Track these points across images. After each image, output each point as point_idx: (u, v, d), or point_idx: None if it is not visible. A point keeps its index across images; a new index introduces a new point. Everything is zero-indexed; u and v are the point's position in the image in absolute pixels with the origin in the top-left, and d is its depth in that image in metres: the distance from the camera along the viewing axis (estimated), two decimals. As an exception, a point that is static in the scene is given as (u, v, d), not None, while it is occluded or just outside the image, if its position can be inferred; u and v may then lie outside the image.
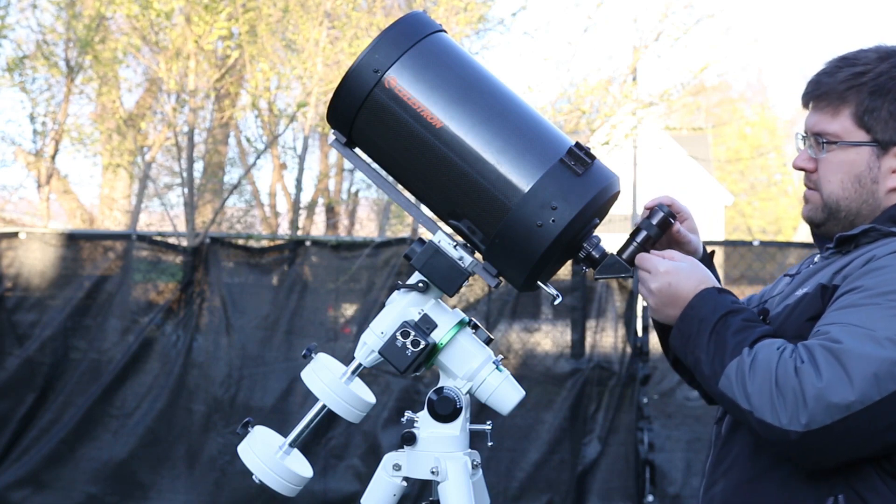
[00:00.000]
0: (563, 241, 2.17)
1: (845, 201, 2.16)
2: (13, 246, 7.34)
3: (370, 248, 7.26)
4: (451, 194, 2.21)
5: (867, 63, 2.14)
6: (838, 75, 2.15)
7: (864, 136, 2.13)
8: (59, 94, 9.87)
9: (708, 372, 2.05)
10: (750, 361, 1.99)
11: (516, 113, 2.22)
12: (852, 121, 2.13)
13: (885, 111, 2.11)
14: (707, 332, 2.06)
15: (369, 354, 2.30)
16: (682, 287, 2.13)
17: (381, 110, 2.21)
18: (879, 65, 2.13)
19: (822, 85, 2.16)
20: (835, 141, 2.15)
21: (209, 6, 8.28)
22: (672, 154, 21.17)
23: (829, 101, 2.15)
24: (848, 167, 2.15)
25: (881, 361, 1.92)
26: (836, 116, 2.14)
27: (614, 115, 9.84)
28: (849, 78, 2.13)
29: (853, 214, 2.16)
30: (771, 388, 1.96)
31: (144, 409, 7.17)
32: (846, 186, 2.15)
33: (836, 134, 2.15)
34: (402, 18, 2.26)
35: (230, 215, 12.21)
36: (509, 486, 6.99)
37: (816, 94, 2.17)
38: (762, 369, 1.98)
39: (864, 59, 2.15)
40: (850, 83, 2.13)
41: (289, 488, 2.28)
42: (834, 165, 2.16)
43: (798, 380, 1.94)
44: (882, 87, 2.11)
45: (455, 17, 8.91)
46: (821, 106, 2.17)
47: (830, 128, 2.15)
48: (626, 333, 7.09)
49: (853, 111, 2.13)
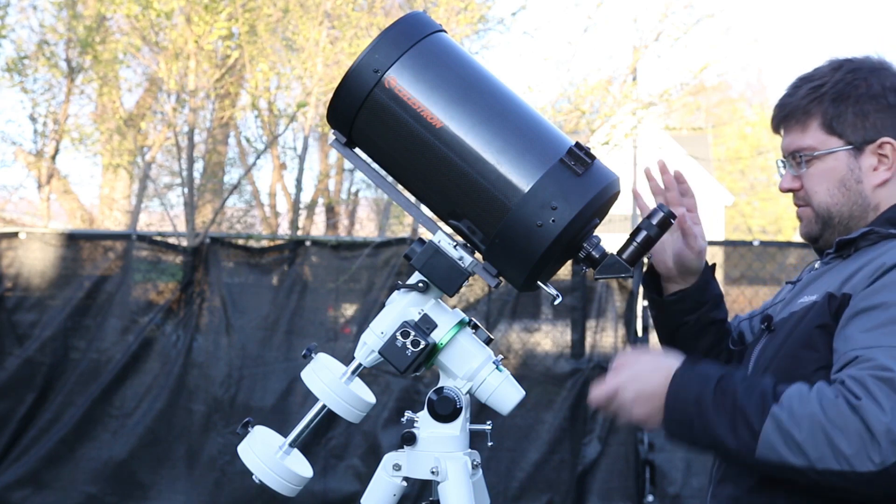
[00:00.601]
0: (563, 241, 2.16)
1: (836, 207, 2.21)
2: (13, 246, 7.34)
3: (370, 248, 7.26)
4: (451, 194, 2.21)
5: (823, 76, 2.22)
6: (799, 93, 2.22)
7: (837, 142, 2.19)
8: (59, 94, 9.88)
9: (735, 446, 1.97)
10: (788, 416, 1.93)
11: (516, 113, 2.22)
12: (822, 131, 2.20)
13: (849, 114, 2.18)
14: (711, 409, 1.99)
15: (369, 354, 2.29)
16: (652, 385, 2.09)
17: (381, 110, 2.21)
18: (835, 75, 2.21)
19: (786, 106, 2.24)
20: (812, 154, 2.20)
21: (209, 6, 8.28)
22: (672, 154, 21.13)
23: (796, 118, 2.22)
24: (830, 174, 2.20)
25: None
26: (806, 131, 2.21)
27: (614, 115, 9.83)
28: (809, 93, 2.21)
29: (846, 218, 2.20)
30: (826, 434, 1.90)
31: (144, 409, 7.18)
32: (833, 193, 2.20)
33: (811, 147, 2.21)
34: (402, 18, 2.26)
35: (230, 215, 12.21)
36: (509, 486, 6.99)
37: (783, 115, 2.25)
38: (807, 418, 1.92)
39: (820, 73, 2.24)
40: (812, 97, 2.20)
41: (289, 488, 2.28)
42: (817, 177, 2.21)
43: (860, 417, 1.88)
44: (841, 93, 2.18)
45: (455, 17, 8.91)
46: (790, 126, 2.24)
47: (804, 143, 2.21)
48: (626, 333, 7.09)
49: (821, 122, 2.20)
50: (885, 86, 2.18)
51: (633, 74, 10.41)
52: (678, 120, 10.71)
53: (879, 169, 2.18)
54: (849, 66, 2.21)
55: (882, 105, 2.17)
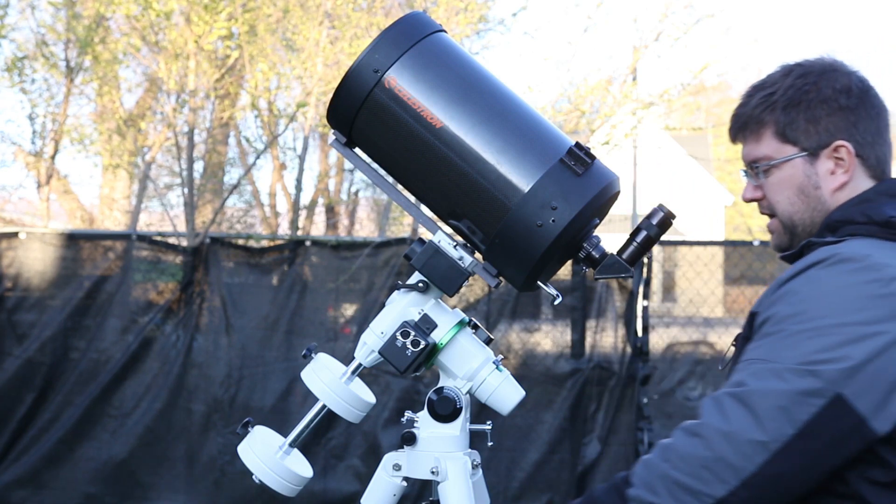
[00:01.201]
0: (563, 241, 2.16)
1: (798, 215, 2.20)
2: (13, 246, 7.34)
3: (370, 248, 7.26)
4: (451, 194, 2.21)
5: (774, 83, 2.21)
6: (751, 102, 2.22)
7: (791, 149, 2.18)
8: (58, 94, 9.87)
9: None
10: (644, 491, 1.96)
11: (516, 113, 2.22)
12: (776, 139, 2.19)
13: (801, 120, 2.17)
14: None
15: (369, 354, 2.29)
16: None
17: (381, 110, 2.21)
18: (785, 80, 2.20)
19: (740, 116, 2.24)
20: (768, 163, 2.20)
21: (209, 6, 8.27)
22: (672, 154, 21.17)
23: (750, 128, 2.22)
24: (789, 182, 2.19)
25: (784, 394, 1.91)
26: (760, 141, 2.21)
27: (614, 115, 9.84)
28: (761, 101, 2.20)
29: (809, 225, 2.19)
30: (679, 484, 1.93)
31: (144, 409, 7.17)
32: (794, 201, 2.20)
33: (767, 156, 2.20)
34: (402, 18, 2.26)
35: (230, 215, 12.22)
36: (509, 486, 6.99)
37: (738, 126, 2.25)
38: (658, 480, 1.95)
39: (771, 80, 2.23)
40: (764, 105, 2.20)
41: (289, 488, 2.28)
42: (776, 186, 2.21)
43: (703, 442, 1.93)
44: (792, 99, 2.17)
45: (455, 17, 8.91)
46: (746, 136, 2.23)
47: (760, 152, 2.21)
48: (626, 333, 7.09)
49: (774, 130, 2.19)
50: (836, 88, 2.17)
51: (633, 74, 10.41)
52: (678, 120, 10.71)
53: (837, 172, 2.17)
54: (798, 71, 2.20)
55: (833, 108, 2.16)
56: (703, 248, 7.83)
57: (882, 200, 2.11)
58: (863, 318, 1.93)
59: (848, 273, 1.98)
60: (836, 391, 1.89)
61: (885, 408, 1.91)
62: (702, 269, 7.63)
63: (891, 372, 1.91)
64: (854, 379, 1.90)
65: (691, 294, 7.71)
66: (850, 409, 1.90)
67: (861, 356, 1.90)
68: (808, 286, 1.99)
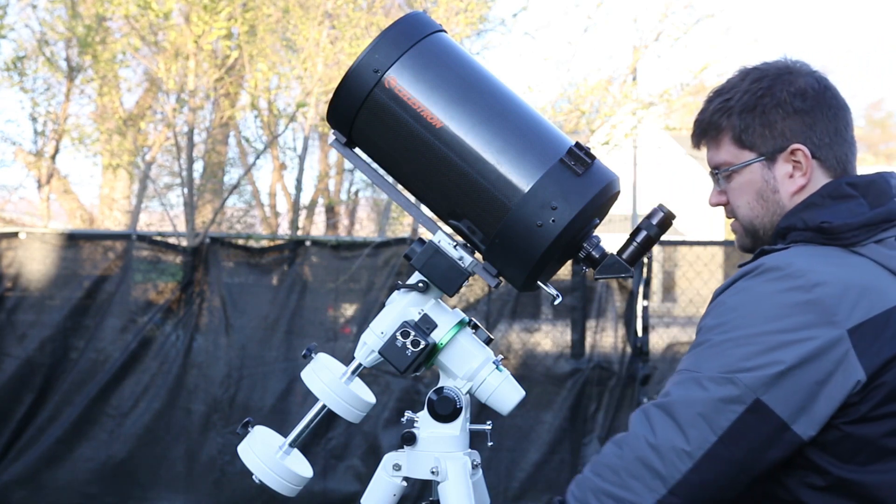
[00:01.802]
0: (563, 241, 2.16)
1: (758, 220, 2.20)
2: (13, 246, 7.34)
3: (370, 248, 7.26)
4: (451, 194, 2.21)
5: (732, 87, 2.22)
6: (710, 108, 2.23)
7: (749, 154, 2.19)
8: (59, 94, 9.88)
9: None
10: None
11: (516, 113, 2.22)
12: (734, 145, 2.19)
13: (757, 125, 2.17)
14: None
15: (369, 354, 2.29)
16: None
17: (381, 110, 2.21)
18: (741, 84, 2.21)
19: (701, 123, 2.24)
20: (728, 169, 2.21)
21: (208, 6, 8.27)
22: (672, 154, 21.17)
23: (710, 134, 2.23)
24: (748, 187, 2.20)
25: (705, 402, 1.94)
26: (720, 146, 2.21)
27: (614, 115, 9.84)
28: (719, 107, 2.21)
29: (769, 228, 2.20)
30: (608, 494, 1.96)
31: (143, 409, 7.17)
32: (753, 206, 2.20)
33: (726, 162, 2.21)
34: (402, 18, 2.26)
35: (230, 215, 12.22)
36: (509, 487, 6.99)
37: (699, 132, 2.25)
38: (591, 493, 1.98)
39: (729, 84, 2.23)
40: (721, 111, 2.20)
41: (289, 488, 2.28)
42: (737, 191, 2.21)
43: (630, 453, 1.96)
44: (747, 104, 2.17)
45: (455, 17, 8.91)
46: (706, 142, 2.24)
47: (720, 158, 2.22)
48: (626, 333, 7.09)
49: (731, 136, 2.19)
50: (790, 91, 2.16)
51: (633, 74, 10.41)
52: (678, 120, 10.70)
53: (795, 176, 2.17)
54: (754, 75, 2.20)
55: (788, 111, 2.15)
56: (703, 248, 7.83)
57: (826, 203, 2.11)
58: (785, 326, 1.95)
59: (771, 282, 2.00)
60: (755, 397, 1.92)
61: (807, 412, 1.93)
62: (702, 269, 7.63)
63: (814, 377, 1.92)
64: (775, 385, 1.92)
65: (691, 294, 7.71)
66: (771, 414, 1.92)
67: (785, 363, 1.93)
68: (734, 297, 2.02)
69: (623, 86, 10.19)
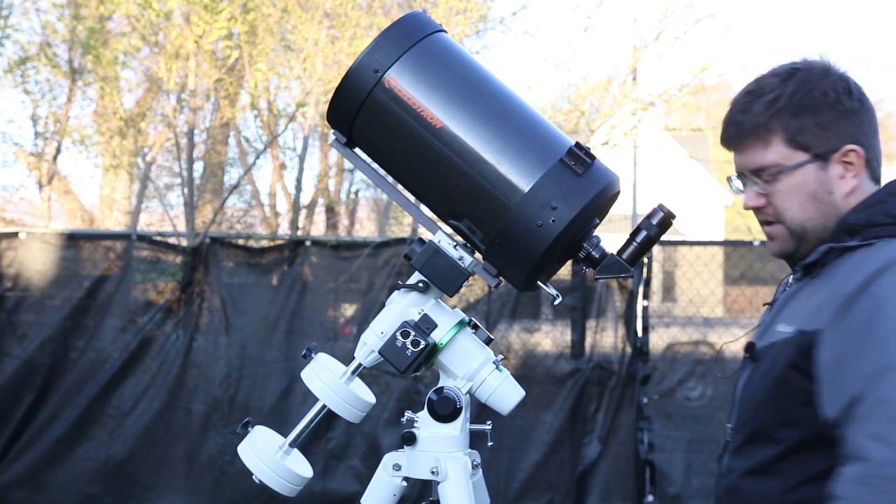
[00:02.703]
0: (563, 241, 2.16)
1: (810, 222, 2.16)
2: (13, 246, 7.33)
3: (370, 248, 7.25)
4: (451, 194, 2.21)
5: (774, 88, 2.17)
6: (754, 109, 2.17)
7: (803, 155, 2.15)
8: (61, 95, 9.88)
9: None
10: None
11: (516, 113, 2.22)
12: (786, 146, 2.15)
13: (812, 126, 2.14)
14: None
15: (369, 354, 2.29)
16: None
17: (381, 110, 2.21)
18: (786, 86, 2.16)
19: (742, 124, 2.18)
20: (778, 170, 2.16)
21: (209, 6, 8.27)
22: (672, 154, 21.18)
23: (755, 135, 2.17)
24: (800, 189, 2.16)
25: None
26: (768, 147, 2.16)
27: (614, 115, 9.83)
28: (766, 108, 2.16)
29: (821, 231, 2.16)
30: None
31: (143, 409, 7.17)
32: (806, 208, 2.16)
33: (776, 163, 2.16)
34: (402, 18, 2.26)
35: (230, 215, 12.21)
36: (510, 487, 6.99)
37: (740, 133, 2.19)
38: None
39: (769, 85, 2.18)
40: (770, 112, 2.15)
41: (289, 488, 2.28)
42: (786, 193, 2.17)
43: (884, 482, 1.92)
44: (801, 105, 2.14)
45: (455, 17, 8.91)
46: (749, 143, 2.18)
47: (768, 159, 2.16)
48: (626, 333, 7.08)
49: (783, 137, 2.15)
50: (838, 91, 2.15)
51: (633, 74, 10.40)
52: (678, 120, 10.71)
53: (846, 177, 2.15)
54: (800, 76, 2.17)
55: (840, 112, 2.14)
56: (703, 248, 7.82)
57: (893, 201, 2.11)
58: None
59: None
60: None
61: None
62: (702, 269, 7.62)
63: None
64: None
65: (691, 294, 7.71)
66: None
67: None
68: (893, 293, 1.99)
69: (623, 86, 10.18)
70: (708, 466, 7.02)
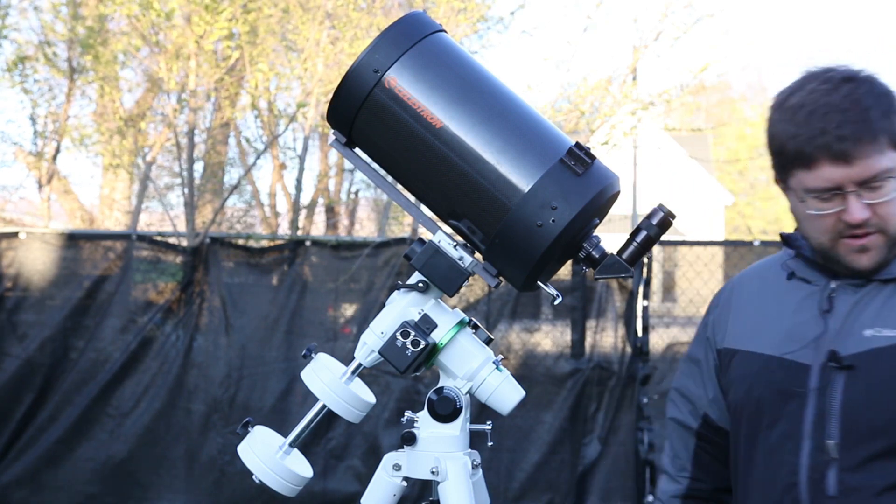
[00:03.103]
0: (564, 241, 2.16)
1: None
2: (13, 246, 7.34)
3: (370, 248, 7.26)
4: (451, 194, 2.21)
5: (866, 94, 2.10)
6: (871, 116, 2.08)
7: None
8: (60, 94, 9.88)
9: None
10: None
11: (516, 113, 2.22)
12: (893, 149, 2.10)
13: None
14: None
15: (369, 354, 2.29)
16: None
17: (381, 110, 2.20)
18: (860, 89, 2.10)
19: (861, 133, 2.07)
20: (889, 175, 2.09)
21: (210, 6, 8.27)
22: (672, 154, 21.18)
23: (873, 143, 2.08)
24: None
25: None
26: (883, 153, 2.08)
27: (614, 115, 9.84)
28: (882, 114, 2.09)
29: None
30: None
31: (143, 409, 7.17)
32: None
33: (889, 168, 2.09)
34: (402, 18, 2.26)
35: (230, 215, 12.21)
36: (510, 487, 6.99)
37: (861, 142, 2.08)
38: None
39: (858, 92, 2.11)
40: (883, 118, 2.09)
41: (289, 488, 2.28)
42: (893, 199, 2.10)
43: None
44: (889, 106, 2.11)
45: (455, 16, 8.91)
46: (866, 151, 2.08)
47: (883, 165, 2.08)
48: (626, 333, 7.08)
49: (888, 140, 2.09)
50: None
51: (632, 74, 10.41)
52: (678, 120, 10.70)
53: None
54: (861, 79, 2.11)
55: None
56: (703, 248, 7.83)
57: None
58: None
59: None
60: None
61: None
62: (702, 269, 7.62)
63: None
64: None
65: (691, 294, 7.71)
66: None
67: None
68: None
69: (623, 86, 10.19)
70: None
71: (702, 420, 2.35)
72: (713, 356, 2.33)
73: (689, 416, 2.37)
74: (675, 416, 2.39)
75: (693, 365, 2.38)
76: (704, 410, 2.34)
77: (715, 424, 2.33)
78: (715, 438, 2.34)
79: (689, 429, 2.37)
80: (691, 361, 2.39)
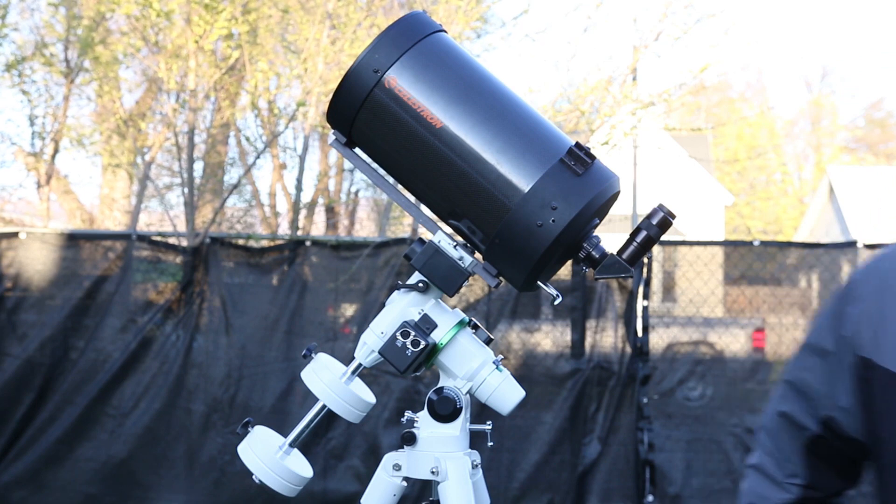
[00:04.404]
0: (564, 241, 2.16)
1: None
2: (13, 246, 7.33)
3: (370, 248, 7.25)
4: (451, 194, 2.21)
5: None
6: None
7: None
8: (58, 94, 9.88)
9: None
10: None
11: (516, 113, 2.22)
12: None
13: None
14: None
15: (369, 354, 2.29)
16: None
17: (381, 110, 2.20)
18: None
19: None
20: None
21: (209, 6, 8.27)
22: (672, 154, 21.17)
23: None
24: None
25: None
26: None
27: (614, 115, 9.83)
28: None
29: None
30: None
31: (143, 409, 7.17)
32: None
33: None
34: (403, 18, 2.26)
35: (230, 215, 12.21)
36: (510, 487, 6.99)
37: None
38: None
39: None
40: None
41: (289, 488, 2.28)
42: None
43: None
44: None
45: (455, 14, 8.90)
46: None
47: None
48: (626, 333, 7.08)
49: None
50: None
51: (633, 74, 10.40)
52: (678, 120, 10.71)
53: None
54: None
55: None
56: (703, 248, 7.83)
57: None
58: None
59: None
60: None
61: None
62: (702, 269, 7.62)
63: None
64: None
65: (691, 294, 7.71)
66: None
67: None
68: None
69: (623, 86, 10.19)
70: (708, 466, 7.03)
71: (822, 423, 1.99)
72: (852, 358, 1.91)
73: (804, 416, 2.01)
74: (788, 412, 2.04)
75: (817, 357, 1.98)
76: (828, 413, 1.97)
77: (844, 433, 1.96)
78: (836, 444, 1.99)
79: (803, 429, 2.01)
80: (814, 353, 1.99)
